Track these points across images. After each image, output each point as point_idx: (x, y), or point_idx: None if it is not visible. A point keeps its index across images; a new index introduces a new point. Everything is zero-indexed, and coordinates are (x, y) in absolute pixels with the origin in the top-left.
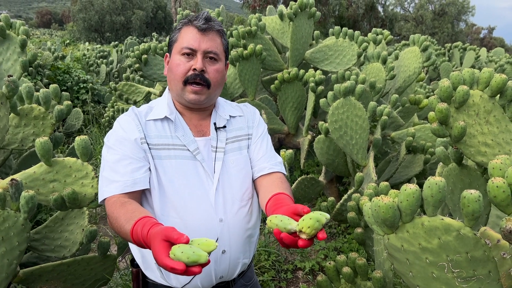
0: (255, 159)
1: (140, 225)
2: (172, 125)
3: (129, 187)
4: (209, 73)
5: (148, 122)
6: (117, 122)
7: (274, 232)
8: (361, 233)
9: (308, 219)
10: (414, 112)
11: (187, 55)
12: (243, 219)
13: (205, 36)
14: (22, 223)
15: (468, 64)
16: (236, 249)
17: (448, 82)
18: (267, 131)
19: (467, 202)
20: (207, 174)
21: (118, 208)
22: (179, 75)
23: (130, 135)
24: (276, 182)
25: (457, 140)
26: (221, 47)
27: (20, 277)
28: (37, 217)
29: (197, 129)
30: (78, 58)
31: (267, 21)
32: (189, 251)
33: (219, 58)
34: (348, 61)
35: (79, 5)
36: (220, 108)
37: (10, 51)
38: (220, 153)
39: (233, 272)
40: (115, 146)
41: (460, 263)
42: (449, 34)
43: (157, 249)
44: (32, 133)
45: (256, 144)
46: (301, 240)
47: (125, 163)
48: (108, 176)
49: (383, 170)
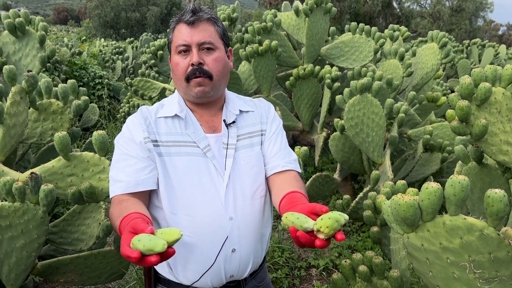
0: (269, 156)
1: (125, 221)
2: (182, 123)
3: (132, 187)
4: (208, 64)
5: (158, 119)
6: (126, 123)
7: (290, 230)
8: (377, 231)
9: (327, 219)
10: (432, 110)
11: (183, 52)
12: (254, 217)
13: (195, 28)
14: (41, 216)
15: (487, 61)
16: (247, 247)
17: (470, 79)
18: (282, 127)
19: (491, 201)
20: (218, 172)
21: (114, 206)
22: (180, 74)
23: (135, 136)
24: (290, 180)
25: (478, 139)
26: (215, 35)
27: (38, 270)
28: (54, 211)
29: (208, 125)
30: (95, 54)
31: (282, 17)
32: (146, 239)
33: (215, 47)
34: (365, 58)
35: (95, 2)
36: (231, 103)
37: (29, 46)
38: (231, 150)
39: (243, 271)
40: (122, 146)
41: (483, 263)
42: (466, 30)
43: (122, 240)
44: (50, 128)
45: (271, 141)
46: (319, 240)
47: (131, 163)
48: (114, 175)
49: (399, 168)
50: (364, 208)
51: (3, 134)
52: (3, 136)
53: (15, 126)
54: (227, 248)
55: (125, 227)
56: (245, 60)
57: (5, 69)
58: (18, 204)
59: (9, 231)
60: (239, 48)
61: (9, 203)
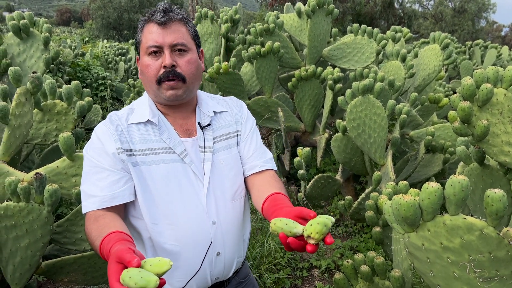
0: (245, 156)
1: (106, 243)
2: (156, 128)
3: (107, 202)
4: (180, 66)
5: (130, 126)
6: (94, 132)
7: (280, 236)
8: (379, 232)
9: (316, 224)
10: (433, 111)
11: (154, 53)
12: (236, 218)
13: (167, 29)
14: (45, 215)
15: (489, 62)
16: (230, 249)
17: (471, 80)
18: (255, 125)
19: (490, 201)
20: (197, 177)
21: (91, 224)
22: (151, 76)
23: (106, 147)
24: (269, 180)
25: (479, 139)
26: (187, 36)
27: (42, 269)
28: (57, 211)
29: (183, 129)
30: (98, 56)
31: (284, 19)
32: (137, 276)
33: (188, 49)
34: (367, 59)
35: (98, 3)
36: (204, 104)
37: (34, 48)
38: (208, 153)
39: (228, 272)
40: (93, 158)
41: (483, 263)
42: (469, 32)
43: (109, 271)
44: (54, 128)
45: (246, 141)
46: (310, 245)
47: (104, 176)
48: (87, 190)
49: (401, 169)
50: (366, 209)
51: (8, 135)
52: (8, 136)
53: (20, 127)
54: (212, 253)
55: (108, 251)
56: (247, 62)
57: (10, 71)
58: (23, 204)
59: (14, 231)
60: (242, 50)
61: (14, 203)
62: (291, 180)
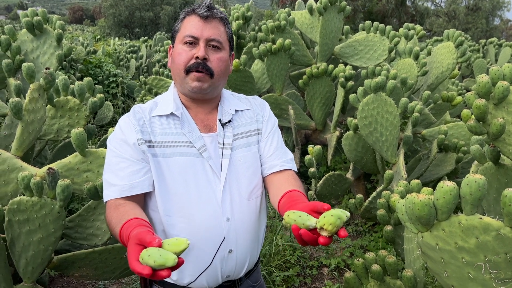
0: (265, 155)
1: (126, 228)
2: (178, 121)
3: (127, 191)
4: (212, 61)
5: (153, 118)
6: (118, 123)
7: (292, 228)
8: (391, 231)
9: (330, 216)
10: (446, 109)
11: (190, 43)
12: (250, 217)
13: (207, 24)
14: (58, 210)
15: (504, 60)
16: (243, 248)
17: (487, 77)
18: (277, 125)
19: (508, 201)
20: (214, 172)
21: (112, 211)
22: (181, 64)
23: (128, 138)
24: (288, 179)
25: (495, 138)
26: (224, 36)
27: (54, 263)
28: (69, 207)
29: (203, 124)
30: (109, 53)
31: (296, 16)
32: (156, 254)
33: (222, 47)
34: (379, 56)
35: (110, 1)
36: (226, 101)
37: (47, 45)
38: (227, 150)
39: (239, 271)
40: (115, 148)
41: (499, 264)
42: (483, 30)
43: (129, 252)
44: (67, 124)
45: (267, 140)
46: (322, 237)
47: (124, 166)
48: (108, 179)
49: (413, 168)
50: (377, 207)
51: (21, 130)
52: (22, 132)
53: (33, 122)
54: (224, 249)
55: (127, 235)
56: (258, 59)
57: (24, 67)
58: (36, 198)
59: (27, 225)
60: (253, 47)
61: (27, 198)
62: (301, 179)
